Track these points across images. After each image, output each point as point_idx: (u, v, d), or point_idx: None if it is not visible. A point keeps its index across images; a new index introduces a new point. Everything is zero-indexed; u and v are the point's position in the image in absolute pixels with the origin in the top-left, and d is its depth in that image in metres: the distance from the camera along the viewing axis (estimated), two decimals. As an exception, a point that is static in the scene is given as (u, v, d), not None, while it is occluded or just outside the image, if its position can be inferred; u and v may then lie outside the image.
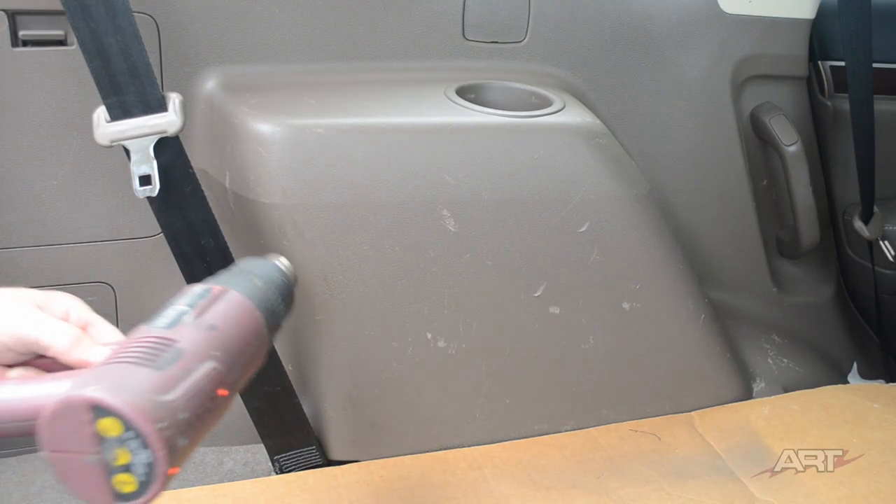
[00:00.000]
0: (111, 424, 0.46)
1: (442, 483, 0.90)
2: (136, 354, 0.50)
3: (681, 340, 1.01)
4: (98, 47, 0.77)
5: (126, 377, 0.48)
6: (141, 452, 0.46)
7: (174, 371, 0.50)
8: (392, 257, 0.87)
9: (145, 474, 0.47)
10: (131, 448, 0.46)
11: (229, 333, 0.56)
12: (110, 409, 0.46)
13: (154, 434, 0.46)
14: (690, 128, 1.15)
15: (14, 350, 0.54)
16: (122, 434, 0.46)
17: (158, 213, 0.84)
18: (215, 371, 0.52)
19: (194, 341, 0.53)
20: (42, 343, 0.54)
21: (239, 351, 0.56)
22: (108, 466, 0.47)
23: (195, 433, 0.50)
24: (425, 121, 0.89)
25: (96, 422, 0.46)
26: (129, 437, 0.46)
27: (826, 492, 0.88)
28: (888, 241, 1.23)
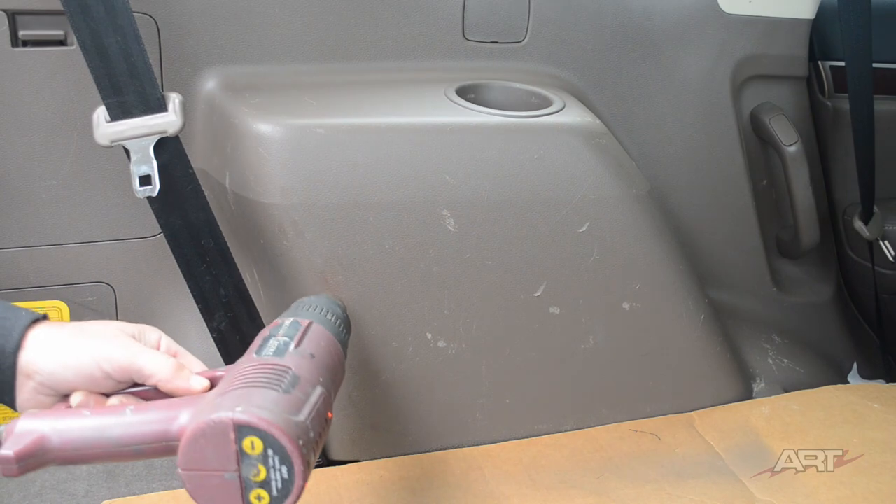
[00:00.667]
0: (255, 443, 0.50)
1: (442, 483, 0.90)
2: (262, 380, 0.54)
3: (681, 340, 1.01)
4: (98, 47, 0.77)
5: (262, 400, 0.52)
6: (279, 468, 0.50)
7: (298, 394, 0.54)
8: (392, 257, 0.87)
9: (280, 489, 0.51)
10: (271, 465, 0.50)
11: (325, 361, 0.62)
12: (257, 428, 0.50)
13: (296, 451, 0.50)
14: (690, 128, 1.15)
15: (114, 379, 0.57)
16: (264, 452, 0.50)
17: (158, 213, 0.84)
18: (325, 394, 0.58)
19: (303, 368, 0.58)
20: (145, 372, 0.57)
21: (332, 377, 0.63)
22: (247, 482, 0.51)
23: (318, 451, 0.54)
24: (425, 121, 0.89)
25: (240, 441, 0.50)
26: (270, 455, 0.50)
27: (826, 492, 0.88)
28: (888, 241, 1.23)
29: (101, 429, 0.53)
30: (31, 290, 0.96)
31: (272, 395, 0.53)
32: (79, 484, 0.95)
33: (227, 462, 0.50)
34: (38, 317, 0.58)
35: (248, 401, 0.51)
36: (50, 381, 0.56)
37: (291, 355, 0.59)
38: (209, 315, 0.88)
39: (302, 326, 0.65)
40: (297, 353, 0.60)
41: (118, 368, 0.57)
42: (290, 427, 0.50)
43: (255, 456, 0.50)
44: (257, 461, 0.50)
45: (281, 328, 0.64)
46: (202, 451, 0.50)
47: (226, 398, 0.52)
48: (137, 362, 0.57)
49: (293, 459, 0.50)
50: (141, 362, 0.57)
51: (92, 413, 0.54)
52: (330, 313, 0.72)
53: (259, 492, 0.51)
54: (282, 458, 0.50)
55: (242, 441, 0.50)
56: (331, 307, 0.74)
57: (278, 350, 0.60)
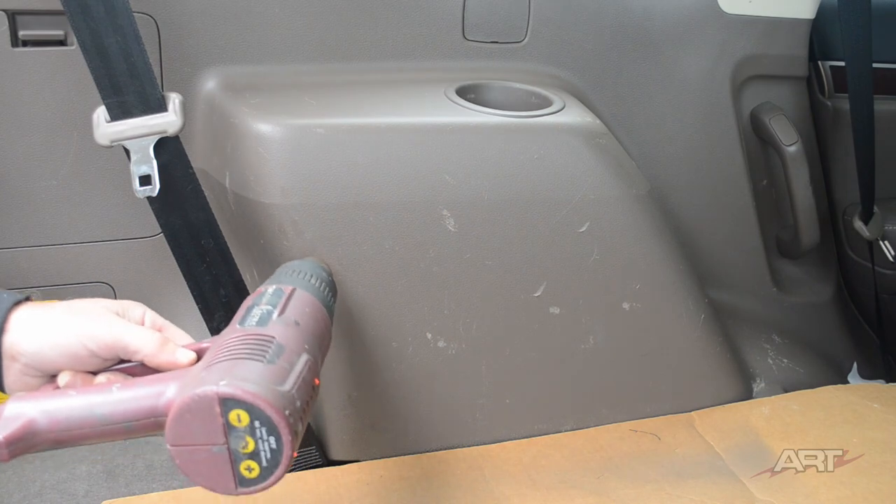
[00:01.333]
0: (241, 415, 0.50)
1: (442, 483, 0.90)
2: (246, 351, 0.54)
3: (681, 340, 1.01)
4: (98, 47, 0.77)
5: (247, 372, 0.52)
6: (268, 439, 0.50)
7: (282, 364, 0.54)
8: (392, 257, 0.87)
9: (269, 459, 0.51)
10: (259, 436, 0.50)
11: (310, 328, 0.62)
12: (242, 401, 0.49)
13: (283, 420, 0.50)
14: (690, 128, 1.15)
15: (100, 356, 0.57)
16: (251, 424, 0.50)
17: (158, 213, 0.84)
18: (311, 362, 0.57)
19: (288, 336, 0.57)
20: (131, 348, 0.57)
21: (319, 343, 0.62)
22: (236, 455, 0.51)
23: (305, 419, 0.54)
24: (425, 121, 0.89)
25: (226, 414, 0.50)
26: (257, 426, 0.50)
27: (826, 492, 0.88)
28: (888, 241, 1.23)
29: (88, 408, 0.52)
30: (31, 291, 0.96)
31: (257, 366, 0.53)
32: (79, 484, 0.95)
33: (215, 435, 0.50)
34: (20, 298, 0.58)
35: (232, 373, 0.51)
36: (35, 361, 0.56)
37: (275, 324, 0.59)
38: (209, 315, 0.88)
39: (285, 294, 0.64)
40: (281, 321, 0.59)
41: (103, 346, 0.56)
42: (275, 397, 0.50)
43: (243, 428, 0.50)
44: (245, 433, 0.50)
45: (264, 296, 0.63)
46: (189, 425, 0.50)
47: (210, 371, 0.52)
48: (122, 339, 0.56)
49: (280, 430, 0.50)
50: (126, 338, 0.57)
51: (78, 392, 0.53)
52: (314, 278, 0.71)
53: (248, 463, 0.51)
54: (269, 428, 0.50)
55: (228, 414, 0.49)
56: (315, 271, 0.72)
57: (262, 319, 0.59)
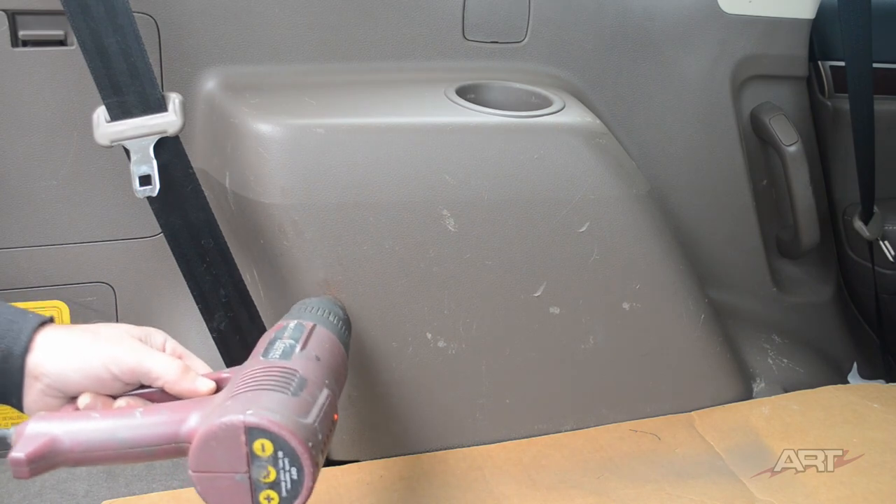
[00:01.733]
0: (265, 445, 0.51)
1: (442, 483, 0.90)
2: (270, 382, 0.55)
3: (681, 340, 1.01)
4: (98, 47, 0.77)
5: (272, 402, 0.53)
6: (289, 470, 0.51)
7: (305, 397, 0.55)
8: (392, 257, 0.87)
9: (289, 490, 0.52)
10: (280, 466, 0.51)
11: (330, 363, 0.63)
12: (268, 430, 0.51)
13: (306, 452, 0.51)
14: (690, 128, 1.15)
15: (122, 381, 0.58)
16: (274, 454, 0.51)
17: (158, 213, 0.84)
18: (331, 396, 0.58)
19: (310, 370, 0.59)
20: (153, 374, 0.58)
21: (337, 378, 0.63)
22: (257, 484, 0.52)
23: (325, 452, 0.56)
24: (425, 121, 0.89)
25: (252, 443, 0.51)
26: (280, 457, 0.51)
27: (826, 492, 0.88)
28: (888, 241, 1.23)
29: (111, 431, 0.53)
30: (31, 290, 0.96)
31: (281, 397, 0.54)
32: (79, 484, 0.95)
33: (238, 464, 0.51)
34: (45, 319, 0.59)
35: (258, 403, 0.52)
36: (58, 383, 0.57)
37: (298, 358, 0.60)
38: (209, 315, 0.88)
39: (306, 329, 0.65)
40: (303, 355, 0.61)
41: (126, 370, 0.57)
42: (299, 429, 0.51)
43: (266, 458, 0.51)
44: (267, 463, 0.51)
45: (286, 331, 0.65)
46: (213, 453, 0.51)
47: (236, 401, 0.53)
48: (145, 364, 0.58)
49: (303, 461, 0.51)
50: (148, 364, 0.58)
51: (101, 415, 0.54)
52: (332, 315, 0.73)
53: (269, 493, 0.52)
54: (291, 459, 0.51)
55: (253, 443, 0.50)
56: (332, 309, 0.74)
57: (284, 353, 0.60)
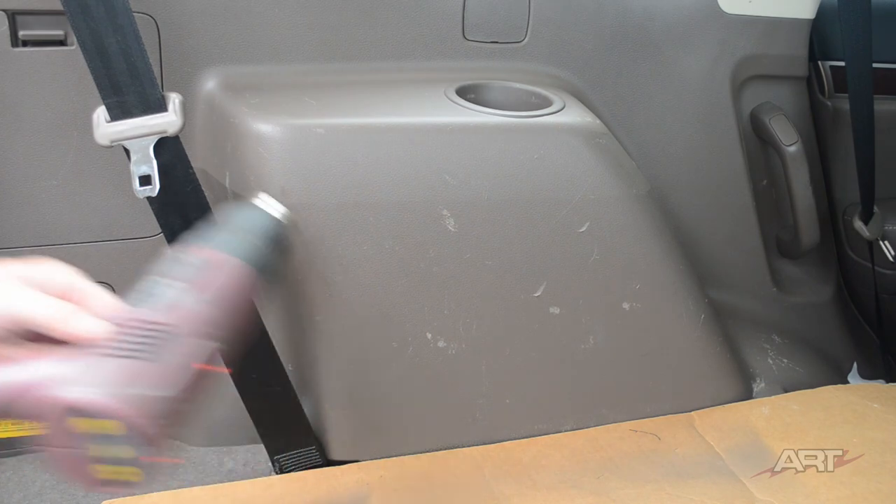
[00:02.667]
0: (108, 424, 0.46)
1: (442, 483, 0.90)
2: (133, 347, 0.48)
3: (681, 340, 1.01)
4: (98, 47, 0.77)
5: (123, 372, 0.47)
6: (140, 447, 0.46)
7: (171, 362, 0.48)
8: (392, 257, 0.87)
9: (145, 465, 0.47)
10: (130, 444, 0.46)
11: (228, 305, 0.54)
12: (107, 411, 0.45)
13: (154, 429, 0.46)
14: (690, 128, 1.15)
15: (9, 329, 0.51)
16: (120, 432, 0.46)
17: (158, 213, 0.84)
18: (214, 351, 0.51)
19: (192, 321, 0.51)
20: (38, 323, 0.51)
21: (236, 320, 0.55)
22: (107, 460, 0.47)
23: (188, 416, 0.49)
24: (425, 121, 0.89)
25: (90, 423, 0.46)
26: (128, 435, 0.46)
27: (826, 492, 0.88)
28: (888, 241, 1.23)
29: None
30: None
31: (133, 364, 0.47)
32: (79, 484, 0.95)
33: (80, 442, 0.46)
34: None
35: (98, 373, 0.47)
36: None
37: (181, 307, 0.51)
38: (209, 315, 0.88)
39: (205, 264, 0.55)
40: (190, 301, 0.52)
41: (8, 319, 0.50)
42: (145, 403, 0.46)
43: (112, 436, 0.46)
44: (114, 441, 0.46)
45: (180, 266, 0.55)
46: (51, 429, 0.46)
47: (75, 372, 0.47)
48: (24, 310, 0.50)
49: (150, 437, 0.46)
50: (19, 307, 0.50)
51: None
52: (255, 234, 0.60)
53: (122, 468, 0.47)
54: (140, 437, 0.46)
55: (93, 423, 0.46)
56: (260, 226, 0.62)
57: (161, 298, 0.52)
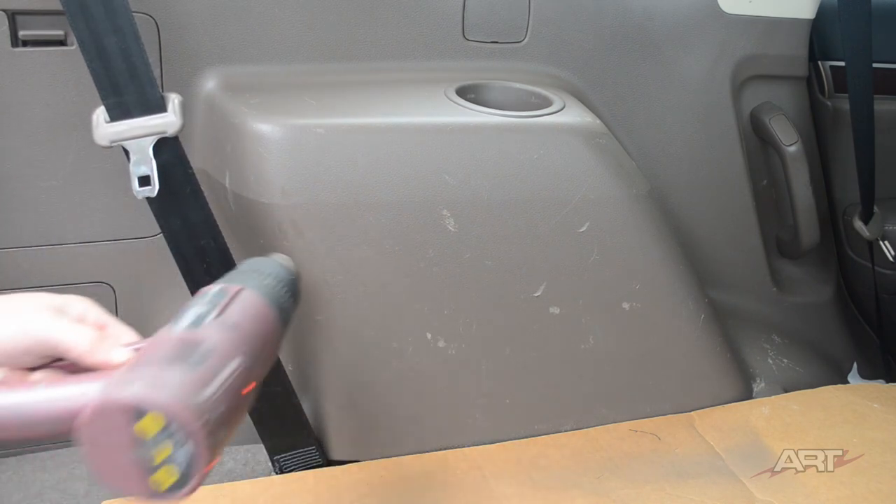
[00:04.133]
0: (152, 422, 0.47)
1: (442, 483, 0.90)
2: (168, 354, 0.51)
3: (681, 340, 1.01)
4: (98, 47, 0.77)
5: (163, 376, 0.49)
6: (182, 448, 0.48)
7: (206, 369, 0.51)
8: (392, 257, 0.87)
9: (186, 468, 0.48)
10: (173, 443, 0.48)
11: (250, 331, 0.58)
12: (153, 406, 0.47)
13: (197, 429, 0.47)
14: (690, 128, 1.15)
15: (34, 354, 0.55)
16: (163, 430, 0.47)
17: (158, 214, 0.84)
18: (243, 367, 0.54)
19: (220, 340, 0.54)
20: (62, 347, 0.55)
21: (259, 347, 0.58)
22: (149, 463, 0.48)
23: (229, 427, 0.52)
24: (425, 121, 0.89)
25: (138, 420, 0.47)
26: (171, 433, 0.47)
27: (826, 492, 0.88)
28: (888, 241, 1.23)
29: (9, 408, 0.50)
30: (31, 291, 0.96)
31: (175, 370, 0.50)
32: (79, 484, 0.95)
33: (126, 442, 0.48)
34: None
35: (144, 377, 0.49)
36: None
37: (209, 326, 0.55)
38: (209, 315, 0.88)
39: (228, 294, 0.60)
40: (217, 323, 0.56)
41: (34, 343, 0.54)
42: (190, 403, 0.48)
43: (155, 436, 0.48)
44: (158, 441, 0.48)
45: (206, 296, 0.60)
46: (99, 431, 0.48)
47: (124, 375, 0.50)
48: (53, 336, 0.54)
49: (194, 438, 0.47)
50: (57, 336, 0.54)
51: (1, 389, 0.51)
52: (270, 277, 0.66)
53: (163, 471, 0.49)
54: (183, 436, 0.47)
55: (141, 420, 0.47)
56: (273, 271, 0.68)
57: (195, 321, 0.56)
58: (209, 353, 0.53)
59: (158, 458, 0.48)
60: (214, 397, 0.50)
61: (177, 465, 0.49)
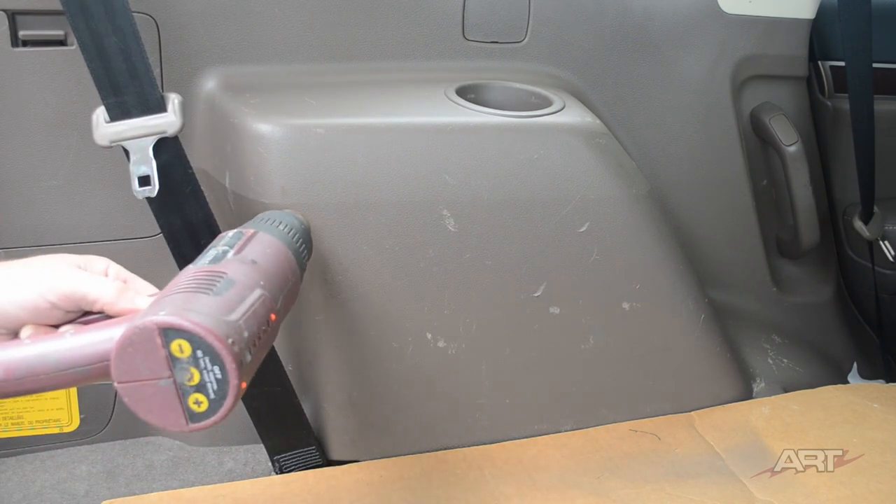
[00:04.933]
0: (182, 346, 0.48)
1: (442, 483, 0.90)
2: (194, 285, 0.53)
3: (681, 340, 1.01)
4: (98, 47, 0.77)
5: (191, 302, 0.51)
6: (212, 370, 0.49)
7: (231, 296, 0.53)
8: (392, 257, 0.87)
9: (216, 391, 0.49)
10: (203, 366, 0.49)
11: (269, 267, 0.61)
12: (182, 329, 0.48)
13: (226, 349, 0.48)
14: (690, 128, 1.15)
15: (61, 308, 0.57)
16: (193, 354, 0.48)
17: (158, 214, 0.84)
18: (265, 297, 0.56)
19: (242, 273, 0.57)
20: (90, 298, 0.57)
21: (280, 282, 0.61)
22: (182, 388, 0.49)
23: (257, 351, 0.53)
24: (425, 121, 0.89)
25: (168, 345, 0.48)
26: (200, 356, 0.48)
27: (826, 492, 0.88)
28: (888, 241, 1.23)
29: (41, 355, 0.51)
30: None
31: (201, 297, 0.52)
32: (79, 484, 0.95)
33: (159, 368, 0.49)
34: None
35: (173, 304, 0.50)
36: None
37: (229, 262, 0.58)
38: (209, 315, 0.88)
39: (245, 236, 0.63)
40: (236, 259, 0.59)
41: (62, 297, 0.56)
42: (217, 326, 0.49)
43: (186, 359, 0.48)
44: (189, 364, 0.49)
45: (224, 238, 0.63)
46: (132, 360, 0.49)
47: (153, 305, 0.51)
48: (81, 288, 0.56)
49: (223, 359, 0.48)
50: (84, 288, 0.56)
51: (32, 340, 0.53)
52: (283, 225, 0.70)
53: (196, 396, 0.49)
54: (212, 358, 0.48)
55: (170, 344, 0.48)
56: (286, 220, 0.72)
57: (216, 258, 0.59)
58: (231, 283, 0.54)
59: (188, 384, 0.49)
60: (240, 321, 0.51)
61: (206, 391, 0.49)
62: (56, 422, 0.99)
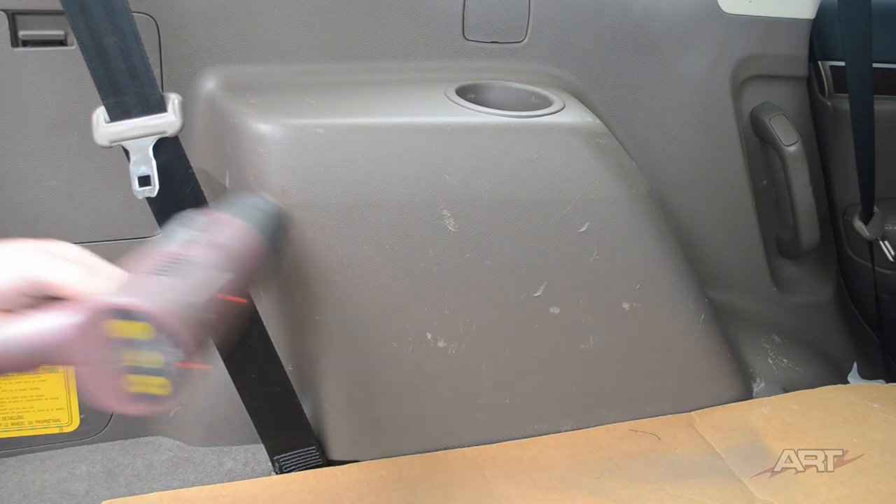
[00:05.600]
0: (139, 330, 0.47)
1: (442, 483, 0.90)
2: (154, 267, 0.52)
3: (681, 340, 1.01)
4: (98, 47, 0.77)
5: (149, 285, 0.50)
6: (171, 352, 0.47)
7: (191, 278, 0.52)
8: (392, 257, 0.87)
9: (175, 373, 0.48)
10: (159, 351, 0.47)
11: (237, 251, 0.60)
12: (140, 312, 0.47)
13: (184, 331, 0.47)
14: (690, 128, 1.15)
15: (28, 294, 0.55)
16: (150, 340, 0.47)
17: (158, 214, 0.84)
18: (229, 281, 0.55)
19: (205, 255, 0.56)
20: (55, 284, 0.55)
21: (247, 266, 0.60)
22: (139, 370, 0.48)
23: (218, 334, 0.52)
24: (425, 121, 0.89)
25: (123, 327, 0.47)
26: (157, 342, 0.47)
27: (826, 492, 0.88)
28: (888, 241, 1.23)
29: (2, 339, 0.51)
30: None
31: (164, 279, 0.50)
32: (79, 484, 0.95)
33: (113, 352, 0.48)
34: None
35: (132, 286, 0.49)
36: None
37: (192, 244, 0.57)
38: (209, 315, 0.88)
39: (212, 219, 0.62)
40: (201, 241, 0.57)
41: (27, 283, 0.55)
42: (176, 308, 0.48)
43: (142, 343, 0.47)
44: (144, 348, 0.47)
45: (193, 220, 0.61)
46: (84, 343, 0.48)
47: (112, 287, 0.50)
48: (44, 274, 0.55)
49: (181, 341, 0.47)
50: (48, 274, 0.55)
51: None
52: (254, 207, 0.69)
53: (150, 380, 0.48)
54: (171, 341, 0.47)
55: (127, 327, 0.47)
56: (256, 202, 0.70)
57: (179, 241, 0.57)
58: (195, 266, 0.53)
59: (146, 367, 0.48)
60: (200, 305, 0.50)
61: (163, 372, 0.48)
62: (56, 422, 0.99)
